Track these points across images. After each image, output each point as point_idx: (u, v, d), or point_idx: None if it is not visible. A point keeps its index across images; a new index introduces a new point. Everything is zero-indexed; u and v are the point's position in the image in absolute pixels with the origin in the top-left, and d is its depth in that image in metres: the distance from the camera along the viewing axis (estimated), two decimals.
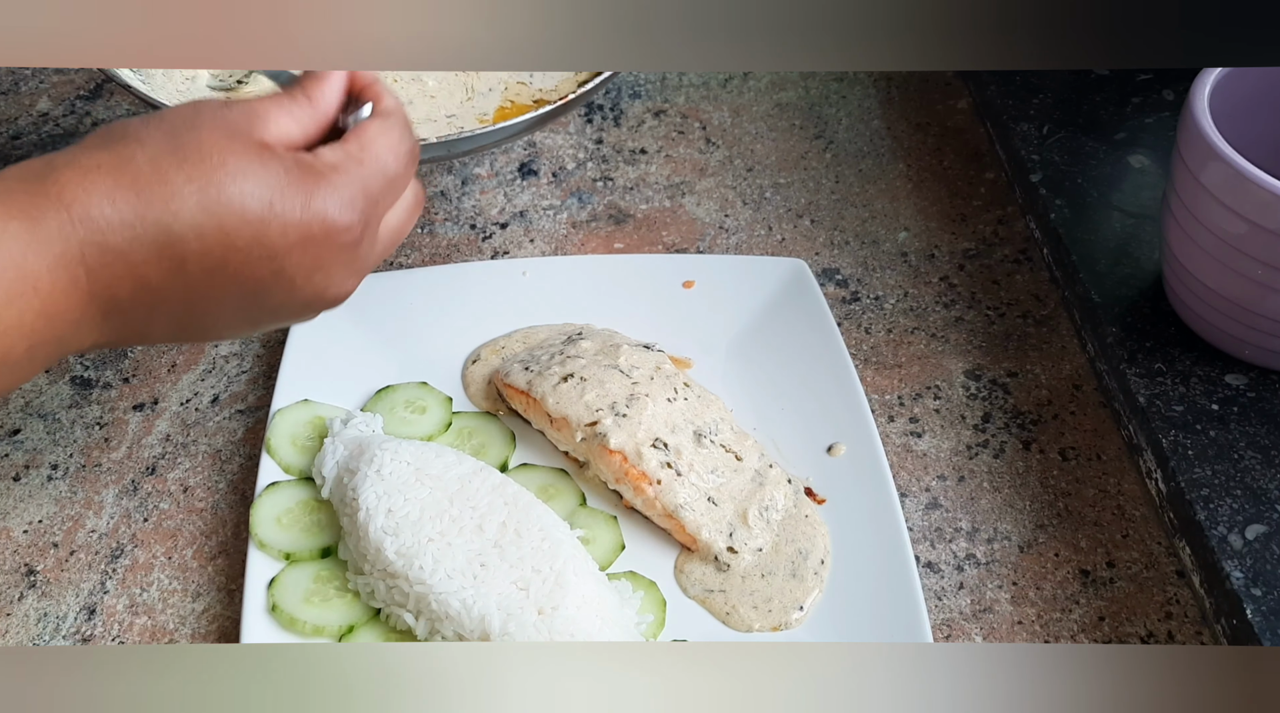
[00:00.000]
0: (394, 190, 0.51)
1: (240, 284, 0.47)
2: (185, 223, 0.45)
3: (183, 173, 0.45)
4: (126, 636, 0.60)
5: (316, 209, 0.47)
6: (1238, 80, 0.63)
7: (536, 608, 0.55)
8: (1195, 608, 0.61)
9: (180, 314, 0.47)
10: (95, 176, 0.44)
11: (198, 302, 0.47)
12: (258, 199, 0.46)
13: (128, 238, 0.44)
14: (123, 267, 0.45)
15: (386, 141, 0.50)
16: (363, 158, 0.49)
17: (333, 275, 0.49)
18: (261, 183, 0.46)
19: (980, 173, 0.85)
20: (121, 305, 0.45)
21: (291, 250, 0.47)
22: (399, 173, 0.51)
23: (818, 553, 0.61)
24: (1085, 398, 0.70)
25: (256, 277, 0.47)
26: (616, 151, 0.86)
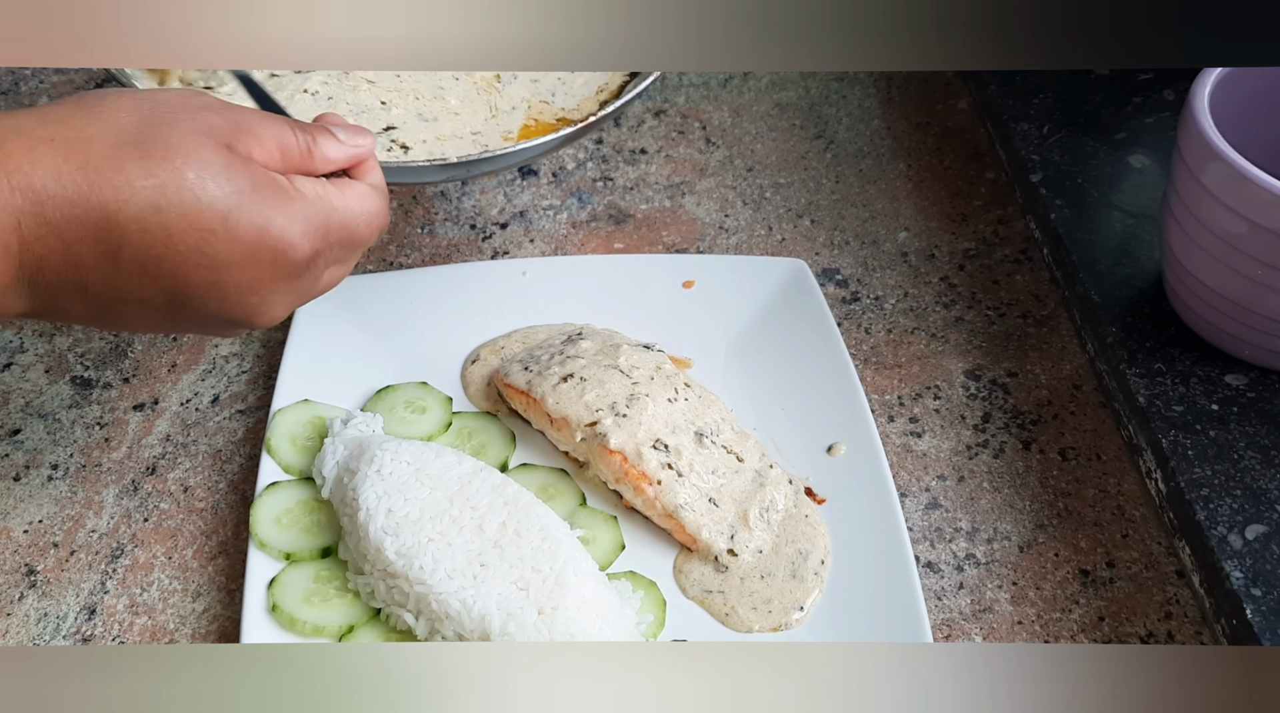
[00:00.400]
0: (350, 247, 0.51)
1: (170, 286, 0.46)
2: (130, 215, 0.44)
3: (141, 166, 0.44)
4: (126, 636, 0.60)
5: (275, 228, 0.47)
6: (1238, 80, 0.63)
7: (536, 608, 0.55)
8: (1195, 608, 0.61)
9: (102, 300, 0.46)
10: (44, 149, 0.44)
11: (123, 292, 0.46)
12: (213, 207, 0.45)
13: (66, 215, 0.44)
14: (57, 242, 0.44)
15: (367, 204, 0.51)
16: (338, 202, 0.50)
17: (267, 299, 0.48)
18: (222, 191, 0.45)
19: (980, 173, 0.85)
20: (48, 279, 0.45)
21: (233, 265, 0.46)
22: (363, 237, 0.51)
23: (818, 553, 0.61)
24: (1085, 398, 0.70)
25: (189, 283, 0.46)
26: (616, 151, 0.86)
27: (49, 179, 0.43)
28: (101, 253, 0.45)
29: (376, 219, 0.52)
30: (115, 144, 0.44)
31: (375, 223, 0.52)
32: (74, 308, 0.47)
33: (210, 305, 0.47)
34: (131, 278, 0.46)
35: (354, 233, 0.51)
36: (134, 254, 0.45)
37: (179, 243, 0.45)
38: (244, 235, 0.46)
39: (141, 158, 0.44)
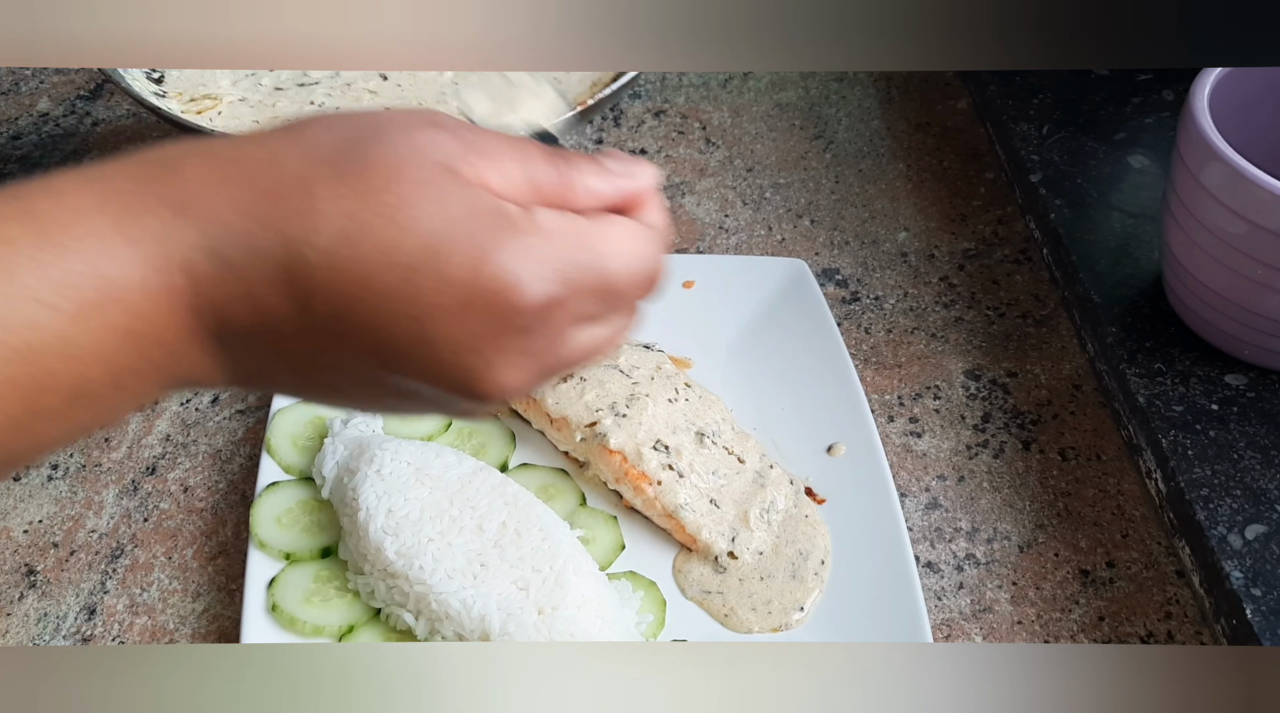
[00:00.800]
0: (606, 299, 0.39)
1: (372, 341, 0.36)
2: (318, 248, 0.35)
3: (330, 188, 0.35)
4: (126, 636, 0.60)
5: (493, 265, 0.36)
6: (1238, 80, 0.63)
7: (536, 608, 0.55)
8: (1195, 608, 0.61)
9: (301, 358, 0.37)
10: (226, 172, 0.36)
11: (322, 349, 0.37)
12: (415, 238, 0.35)
13: (246, 250, 0.35)
14: (237, 284, 0.35)
15: (630, 243, 0.39)
16: (590, 238, 0.38)
17: (491, 362, 0.37)
18: (428, 218, 0.36)
19: (980, 173, 0.85)
20: (234, 331, 0.36)
21: (442, 313, 0.36)
22: (621, 285, 0.39)
23: (818, 554, 0.61)
24: (1085, 398, 0.70)
25: (393, 336, 0.36)
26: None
27: (226, 207, 0.35)
28: (290, 297, 0.35)
29: (641, 264, 0.40)
30: (307, 163, 0.36)
31: (638, 268, 0.39)
32: (275, 371, 0.38)
33: (418, 367, 0.37)
34: (327, 330, 0.36)
35: (609, 279, 0.38)
36: (326, 298, 0.35)
37: (376, 283, 0.35)
38: (455, 274, 0.35)
39: (333, 178, 0.35)
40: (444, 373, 0.37)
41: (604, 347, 0.41)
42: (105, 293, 0.34)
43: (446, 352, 0.36)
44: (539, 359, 0.38)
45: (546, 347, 0.38)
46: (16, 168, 0.83)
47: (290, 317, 0.36)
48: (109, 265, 0.34)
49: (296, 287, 0.35)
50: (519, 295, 0.36)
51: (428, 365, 0.37)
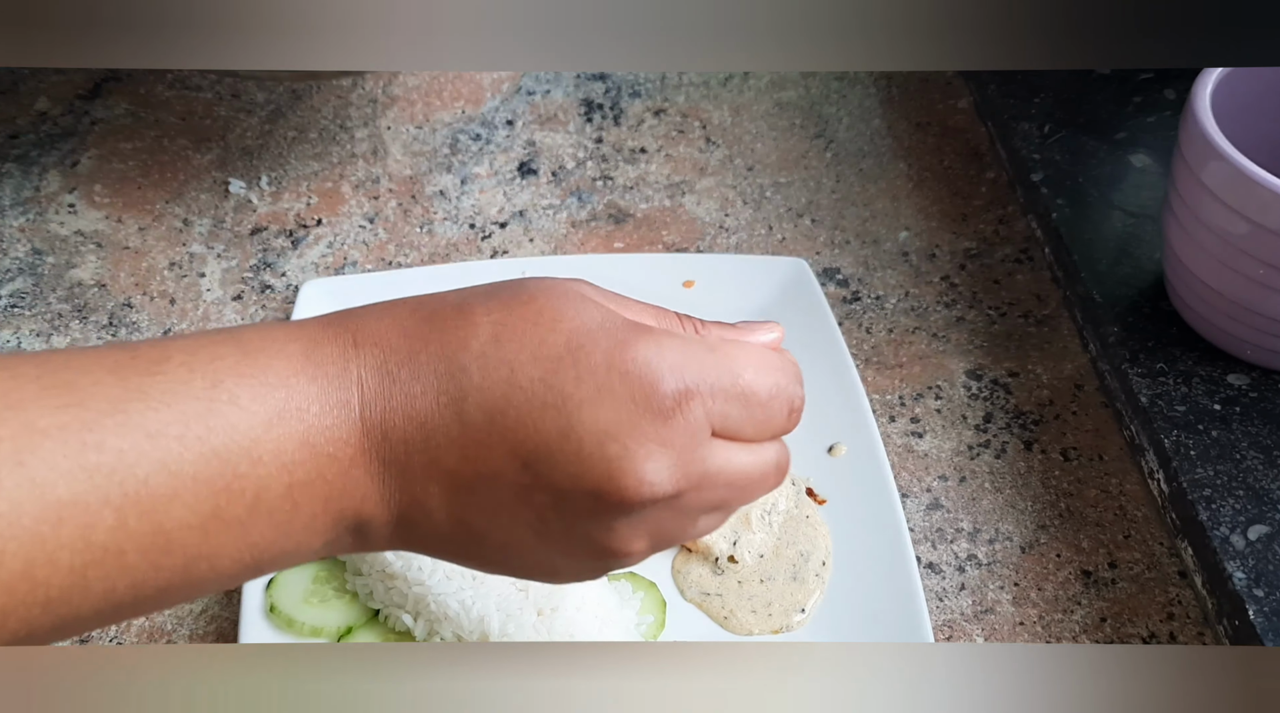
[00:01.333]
0: (741, 403, 0.40)
1: (516, 437, 0.38)
2: (473, 352, 0.38)
3: (486, 305, 0.39)
4: (125, 636, 0.60)
5: (633, 351, 0.38)
6: (1239, 79, 0.63)
7: (536, 609, 0.55)
8: (1197, 609, 0.61)
9: (456, 477, 0.39)
10: (396, 308, 0.40)
11: (475, 460, 0.38)
12: (560, 334, 0.38)
13: (408, 364, 0.38)
14: (399, 395, 0.38)
15: (765, 358, 0.41)
16: (724, 347, 0.41)
17: (634, 451, 0.38)
18: (573, 320, 0.39)
19: (981, 172, 0.84)
20: (395, 444, 0.38)
21: (586, 402, 0.38)
22: (757, 392, 0.41)
23: (819, 554, 0.61)
24: (1087, 398, 0.70)
25: (537, 429, 0.38)
26: (616, 151, 0.86)
27: (394, 332, 0.39)
28: (446, 404, 0.38)
29: (775, 376, 0.41)
30: (466, 293, 0.40)
31: (773, 381, 0.41)
32: (432, 498, 0.39)
33: (566, 465, 0.38)
34: (480, 439, 0.38)
35: (744, 385, 0.40)
36: (478, 400, 0.38)
37: (521, 378, 0.38)
38: (595, 362, 0.38)
39: (487, 298, 0.39)
40: (587, 469, 0.38)
41: (751, 473, 0.42)
42: (290, 403, 0.37)
43: (589, 441, 0.37)
44: (680, 457, 0.39)
45: (687, 444, 0.39)
46: (14, 167, 0.83)
47: (446, 424, 0.38)
48: (297, 381, 0.37)
49: (452, 392, 0.38)
50: (655, 378, 0.38)
51: (571, 461, 0.38)
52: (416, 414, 0.38)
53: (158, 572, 0.36)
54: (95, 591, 0.35)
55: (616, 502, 0.38)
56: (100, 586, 0.35)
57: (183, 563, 0.37)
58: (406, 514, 0.40)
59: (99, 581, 0.35)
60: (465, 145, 0.86)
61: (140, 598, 0.37)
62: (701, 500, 0.41)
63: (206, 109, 0.88)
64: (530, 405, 0.38)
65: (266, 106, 0.87)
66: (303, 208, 0.81)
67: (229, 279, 0.77)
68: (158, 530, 0.36)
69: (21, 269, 0.77)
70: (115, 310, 0.75)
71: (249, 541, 0.37)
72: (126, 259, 0.78)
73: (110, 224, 0.80)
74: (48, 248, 0.78)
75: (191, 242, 0.79)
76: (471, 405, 0.38)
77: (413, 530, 0.40)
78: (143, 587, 0.36)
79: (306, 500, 0.38)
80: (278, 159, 0.84)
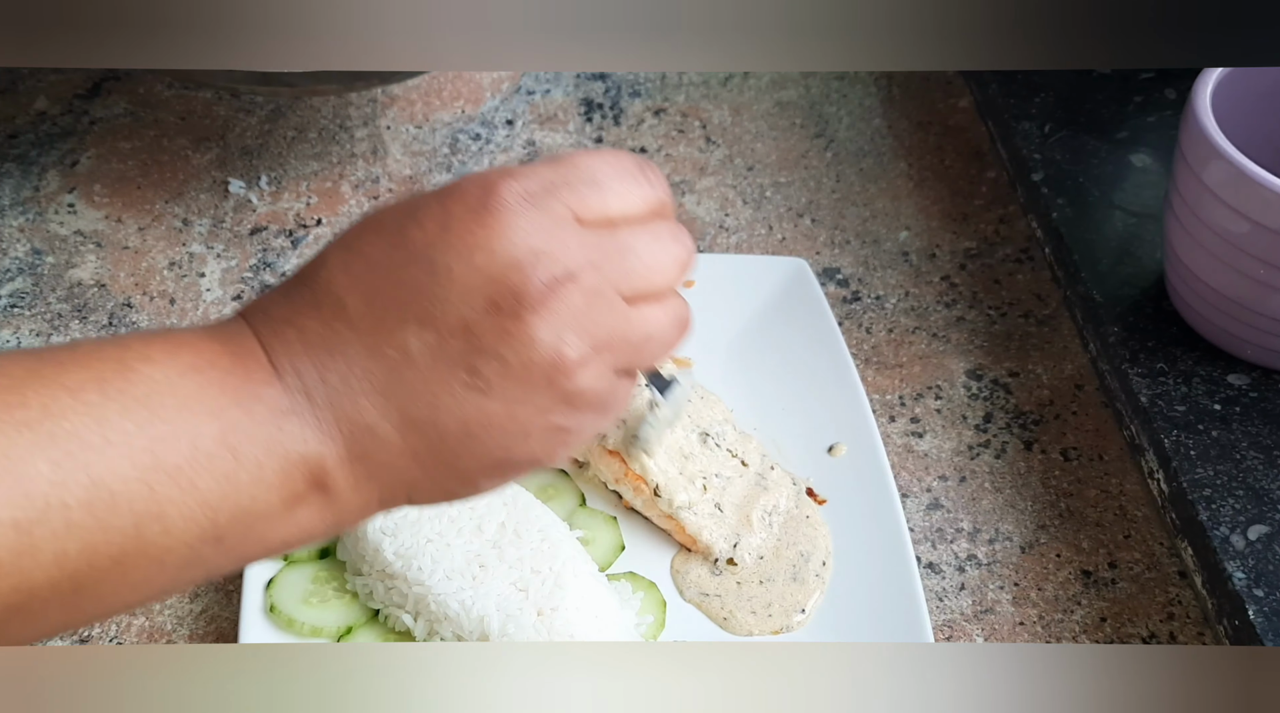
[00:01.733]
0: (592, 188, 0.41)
1: (403, 302, 0.39)
2: (330, 266, 0.40)
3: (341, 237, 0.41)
4: (124, 636, 0.60)
5: (458, 186, 0.40)
6: (1240, 79, 0.63)
7: (535, 609, 0.55)
8: (1197, 609, 0.61)
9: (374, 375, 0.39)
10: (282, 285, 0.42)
11: (377, 347, 0.39)
12: (388, 219, 0.40)
13: (284, 302, 0.40)
14: (290, 330, 0.39)
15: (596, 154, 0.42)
16: (559, 159, 0.42)
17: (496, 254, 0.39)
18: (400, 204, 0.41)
19: (982, 172, 0.84)
20: (305, 374, 0.39)
21: (435, 241, 0.39)
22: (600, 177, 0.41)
23: (819, 555, 0.61)
24: (1087, 398, 0.70)
25: (415, 284, 0.39)
26: None
27: (274, 291, 0.41)
28: (328, 316, 0.39)
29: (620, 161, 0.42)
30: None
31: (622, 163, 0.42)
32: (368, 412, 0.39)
33: (455, 298, 0.39)
34: (370, 323, 0.39)
35: (588, 171, 0.41)
36: (353, 296, 0.39)
37: (377, 257, 0.39)
38: (433, 211, 0.39)
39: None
40: (469, 287, 0.38)
41: (641, 241, 0.42)
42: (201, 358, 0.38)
43: (459, 265, 0.38)
44: (540, 225, 0.39)
45: (546, 223, 0.39)
46: (14, 167, 0.83)
47: (339, 332, 0.39)
48: (200, 341, 0.39)
49: (328, 302, 0.39)
50: (491, 187, 0.39)
51: (454, 290, 0.38)
52: (310, 335, 0.39)
53: (107, 533, 0.36)
54: (45, 554, 0.35)
55: (511, 298, 0.39)
56: (49, 547, 0.35)
57: (133, 523, 0.36)
58: (355, 444, 0.39)
59: (46, 541, 0.35)
60: (465, 145, 0.86)
61: (96, 568, 0.36)
62: (605, 275, 0.41)
63: (206, 109, 0.88)
64: (392, 273, 0.39)
65: (266, 106, 0.87)
66: (302, 208, 0.81)
67: (229, 279, 0.77)
68: (97, 483, 0.35)
69: (21, 269, 0.77)
70: (115, 310, 0.75)
71: (198, 496, 0.37)
72: (126, 259, 0.78)
73: (110, 224, 0.80)
74: (47, 248, 0.78)
75: (191, 241, 0.79)
76: (350, 304, 0.39)
77: (372, 462, 0.40)
78: (96, 553, 0.36)
79: (246, 447, 0.38)
80: (277, 159, 0.84)
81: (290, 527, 0.40)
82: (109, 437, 0.36)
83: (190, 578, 0.40)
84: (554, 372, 0.40)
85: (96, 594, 0.37)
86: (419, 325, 0.39)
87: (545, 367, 0.39)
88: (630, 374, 0.44)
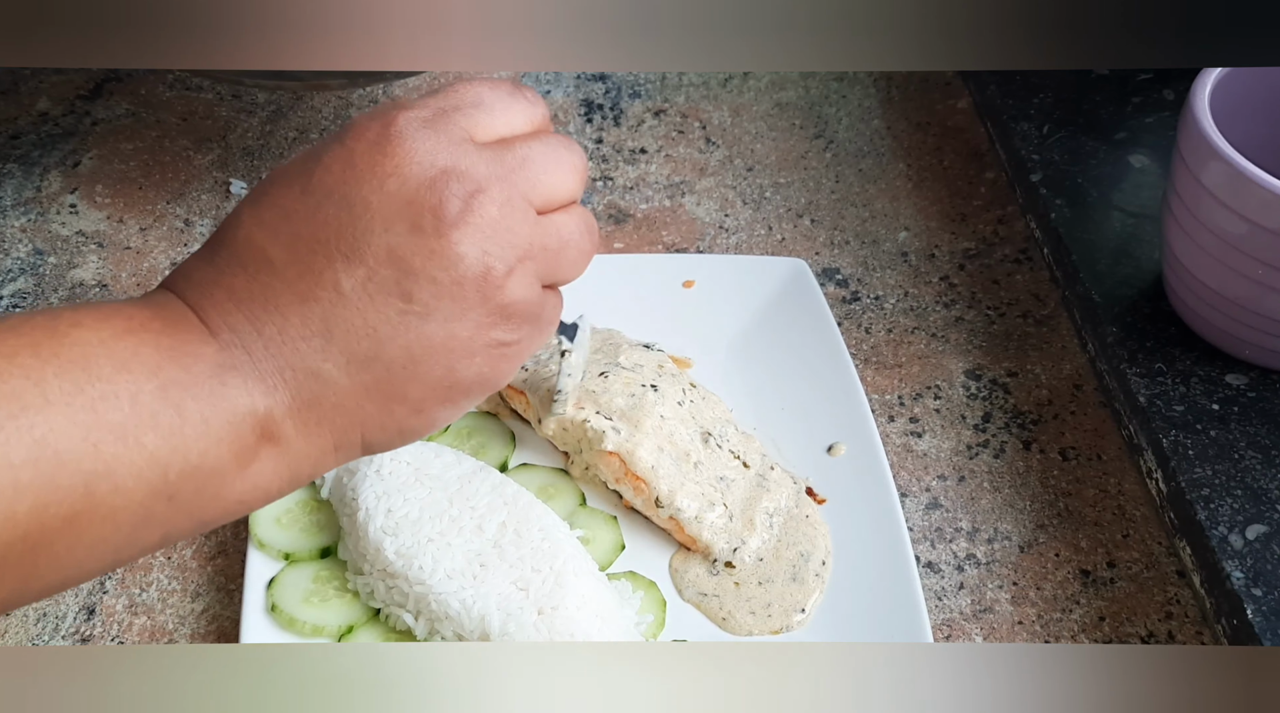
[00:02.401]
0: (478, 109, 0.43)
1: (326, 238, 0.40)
2: (244, 222, 0.41)
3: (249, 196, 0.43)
4: (126, 636, 0.60)
5: (353, 122, 0.42)
6: (1238, 80, 0.63)
7: (536, 608, 0.55)
8: (1196, 608, 0.61)
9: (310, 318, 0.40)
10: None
11: (308, 290, 0.40)
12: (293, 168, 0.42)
13: (207, 265, 0.41)
14: (219, 290, 0.40)
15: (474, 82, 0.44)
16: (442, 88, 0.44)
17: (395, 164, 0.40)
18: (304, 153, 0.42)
19: (980, 172, 0.85)
20: (239, 327, 0.40)
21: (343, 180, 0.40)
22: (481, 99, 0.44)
23: (819, 554, 0.61)
24: (1086, 398, 0.70)
25: (333, 222, 0.40)
26: (616, 151, 0.86)
27: (194, 255, 0.42)
28: (253, 271, 0.40)
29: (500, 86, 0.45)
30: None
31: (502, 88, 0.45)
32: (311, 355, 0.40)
33: (373, 222, 0.40)
34: (297, 268, 0.40)
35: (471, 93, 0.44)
36: (275, 246, 0.40)
37: (291, 204, 0.40)
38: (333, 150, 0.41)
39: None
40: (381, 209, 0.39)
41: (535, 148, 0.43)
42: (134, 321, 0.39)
43: (370, 191, 0.39)
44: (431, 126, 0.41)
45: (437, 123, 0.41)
46: (16, 168, 0.83)
47: (267, 281, 0.39)
48: (131, 309, 0.39)
49: (250, 256, 0.40)
50: (381, 114, 0.41)
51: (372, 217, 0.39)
52: (239, 292, 0.40)
53: (56, 492, 0.36)
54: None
55: (430, 216, 0.40)
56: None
57: (81, 481, 0.36)
58: (302, 391, 0.40)
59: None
60: None
61: (48, 529, 0.36)
62: (512, 186, 0.42)
63: (207, 109, 0.88)
64: (309, 216, 0.40)
65: (267, 107, 0.88)
66: None
67: None
68: (40, 442, 0.35)
69: (23, 269, 0.77)
70: None
71: (145, 453, 0.37)
72: (128, 259, 0.78)
73: (111, 224, 0.80)
74: (49, 248, 0.78)
75: (193, 242, 0.79)
76: (274, 254, 0.40)
77: (321, 407, 0.40)
78: (46, 512, 0.36)
79: (190, 403, 0.38)
80: (279, 159, 0.84)
81: (245, 484, 0.40)
82: (48, 396, 0.36)
83: (147, 538, 0.39)
84: (484, 284, 0.40)
85: (51, 556, 0.37)
86: (346, 262, 0.39)
87: (475, 280, 0.40)
88: (554, 287, 0.45)
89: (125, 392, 0.37)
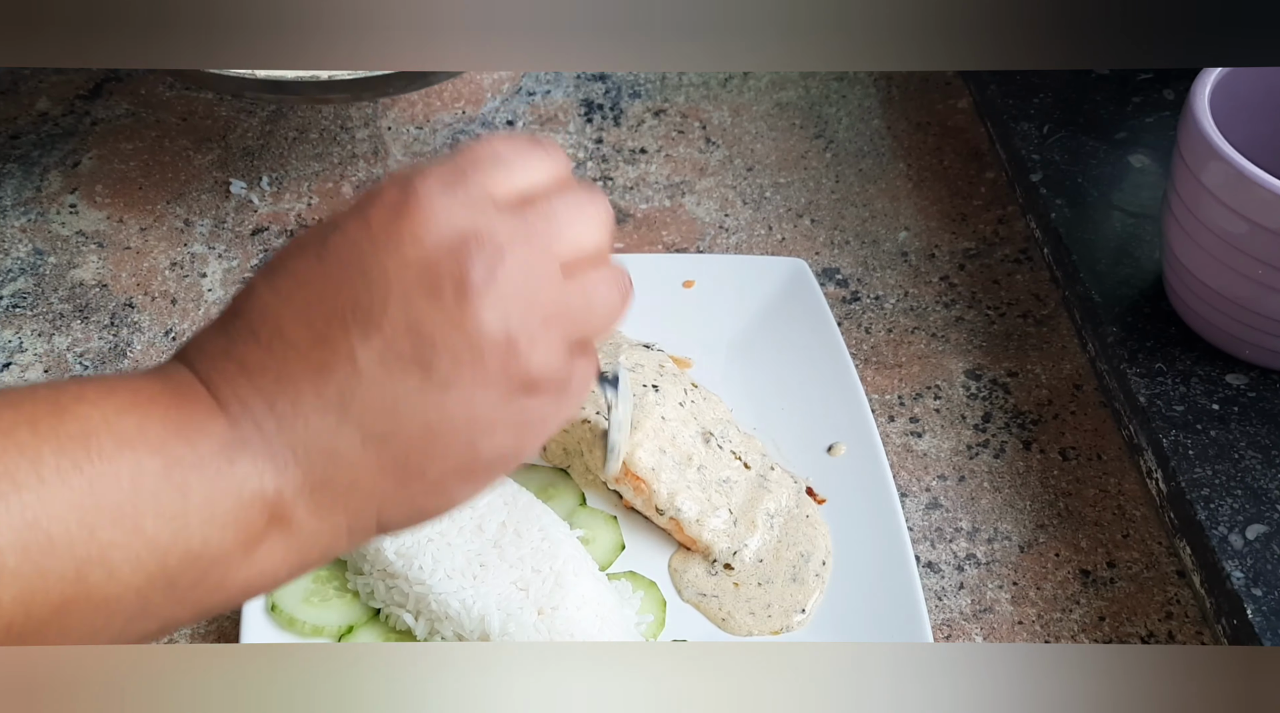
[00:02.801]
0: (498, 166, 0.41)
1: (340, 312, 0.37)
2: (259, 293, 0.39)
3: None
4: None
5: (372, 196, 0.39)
6: (1238, 79, 0.63)
7: (536, 608, 0.55)
8: (1196, 608, 0.61)
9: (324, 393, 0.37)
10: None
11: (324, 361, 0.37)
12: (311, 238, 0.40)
13: (219, 337, 0.39)
14: (231, 364, 0.38)
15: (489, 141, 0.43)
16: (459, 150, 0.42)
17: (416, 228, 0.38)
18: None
19: (980, 172, 0.85)
20: (253, 406, 0.37)
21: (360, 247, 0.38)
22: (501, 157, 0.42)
23: (819, 554, 0.61)
24: (1086, 398, 0.70)
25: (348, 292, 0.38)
26: (616, 151, 0.86)
27: (206, 327, 0.39)
28: (266, 340, 0.38)
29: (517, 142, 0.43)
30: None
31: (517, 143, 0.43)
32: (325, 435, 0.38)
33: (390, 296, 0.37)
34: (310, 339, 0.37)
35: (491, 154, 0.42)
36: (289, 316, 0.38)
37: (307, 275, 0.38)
38: (351, 226, 0.39)
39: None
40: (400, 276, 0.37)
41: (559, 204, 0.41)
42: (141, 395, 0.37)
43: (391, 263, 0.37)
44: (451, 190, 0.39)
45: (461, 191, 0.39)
46: (16, 167, 0.83)
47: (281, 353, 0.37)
48: (138, 381, 0.37)
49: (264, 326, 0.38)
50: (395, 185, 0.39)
51: (390, 289, 0.37)
52: (251, 364, 0.37)
53: (45, 579, 0.33)
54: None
55: (450, 283, 0.37)
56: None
57: (74, 568, 0.34)
58: (315, 470, 0.37)
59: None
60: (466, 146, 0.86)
61: (35, 618, 0.34)
62: (535, 246, 0.39)
63: (207, 109, 0.88)
64: (324, 285, 0.37)
65: (267, 107, 0.88)
66: (304, 208, 0.81)
67: (230, 279, 0.77)
68: (32, 525, 0.33)
69: (23, 269, 0.77)
70: (117, 310, 0.75)
71: (144, 538, 0.35)
72: (128, 259, 0.78)
73: (111, 224, 0.80)
74: (49, 248, 0.78)
75: (193, 242, 0.79)
76: (287, 325, 0.37)
77: (335, 487, 0.38)
78: (34, 601, 0.33)
79: (194, 484, 0.36)
80: (279, 159, 0.84)
81: (250, 570, 0.38)
82: (43, 475, 0.33)
83: (143, 630, 0.37)
84: (507, 354, 0.38)
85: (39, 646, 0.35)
86: (362, 333, 0.37)
87: (497, 350, 0.38)
88: (584, 350, 0.42)
89: (126, 470, 0.35)
